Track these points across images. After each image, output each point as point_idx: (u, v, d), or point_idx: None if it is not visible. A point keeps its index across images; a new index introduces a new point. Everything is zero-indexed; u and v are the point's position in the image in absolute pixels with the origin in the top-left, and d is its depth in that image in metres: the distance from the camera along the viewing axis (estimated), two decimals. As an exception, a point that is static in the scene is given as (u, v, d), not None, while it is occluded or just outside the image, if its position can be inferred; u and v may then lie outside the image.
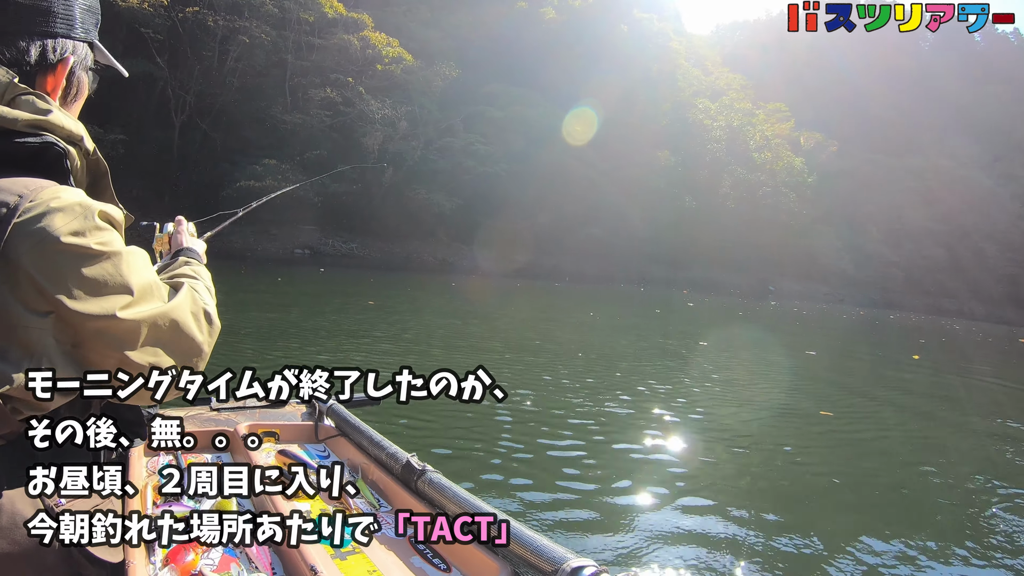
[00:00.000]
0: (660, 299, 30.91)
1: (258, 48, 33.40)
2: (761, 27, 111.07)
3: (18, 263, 0.91)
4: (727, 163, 51.89)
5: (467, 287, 25.67)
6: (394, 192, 36.01)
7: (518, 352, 10.89)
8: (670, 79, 54.12)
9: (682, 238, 47.80)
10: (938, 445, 7.94)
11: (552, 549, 1.45)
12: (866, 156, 75.07)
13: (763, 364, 13.55)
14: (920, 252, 66.74)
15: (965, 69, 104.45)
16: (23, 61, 1.06)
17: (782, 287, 52.89)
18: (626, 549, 3.97)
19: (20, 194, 0.95)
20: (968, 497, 5.84)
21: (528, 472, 5.14)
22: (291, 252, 31.11)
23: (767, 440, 7.08)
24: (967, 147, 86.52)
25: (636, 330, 17.15)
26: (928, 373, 15.54)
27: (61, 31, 1.10)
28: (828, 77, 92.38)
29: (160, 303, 1.06)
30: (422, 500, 1.90)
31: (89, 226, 0.98)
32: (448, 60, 40.72)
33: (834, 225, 62.24)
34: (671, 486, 5.18)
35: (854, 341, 23.02)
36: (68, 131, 1.06)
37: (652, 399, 8.27)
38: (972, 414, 10.24)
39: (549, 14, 51.46)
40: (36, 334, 0.93)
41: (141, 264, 1.06)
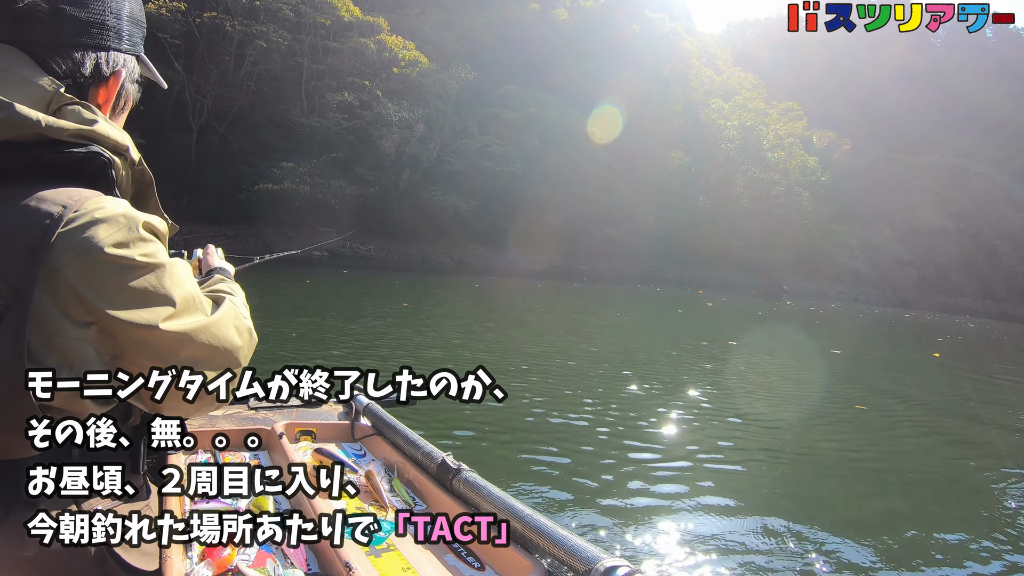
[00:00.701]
0: (678, 299, 30.99)
1: (274, 52, 33.53)
2: (772, 25, 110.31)
3: (60, 273, 0.91)
4: (740, 163, 51.80)
5: (492, 288, 25.82)
6: (410, 194, 36.17)
7: (568, 358, 10.83)
8: (682, 79, 54.21)
9: (695, 238, 47.80)
10: (974, 440, 8.06)
11: (586, 549, 1.45)
12: (879, 154, 74.95)
13: (793, 363, 13.84)
14: (934, 250, 66.71)
15: (978, 66, 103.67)
16: (78, 73, 1.07)
17: (796, 286, 52.87)
18: (665, 551, 3.92)
19: (64, 204, 0.95)
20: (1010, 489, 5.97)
21: (572, 473, 5.11)
22: (310, 254, 31.13)
23: (807, 436, 7.27)
24: (981, 145, 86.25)
25: (667, 332, 17.31)
26: (950, 370, 15.67)
27: (114, 45, 1.12)
28: (840, 75, 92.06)
29: (202, 316, 1.06)
30: (457, 499, 1.90)
31: (133, 237, 0.98)
32: (463, 62, 40.80)
33: (848, 224, 62.39)
34: (722, 487, 5.12)
35: (874, 340, 23.15)
36: (114, 141, 1.07)
37: (705, 402, 8.42)
38: (1001, 408, 10.53)
39: (562, 15, 51.63)
40: (76, 344, 0.94)
41: (184, 276, 1.06)
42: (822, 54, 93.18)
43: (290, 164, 32.31)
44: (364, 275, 26.12)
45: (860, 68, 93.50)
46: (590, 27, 50.94)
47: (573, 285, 32.56)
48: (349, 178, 33.08)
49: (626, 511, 4.48)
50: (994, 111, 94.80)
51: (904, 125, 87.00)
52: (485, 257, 37.84)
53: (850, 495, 5.56)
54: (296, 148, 33.94)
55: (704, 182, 50.37)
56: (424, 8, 46.21)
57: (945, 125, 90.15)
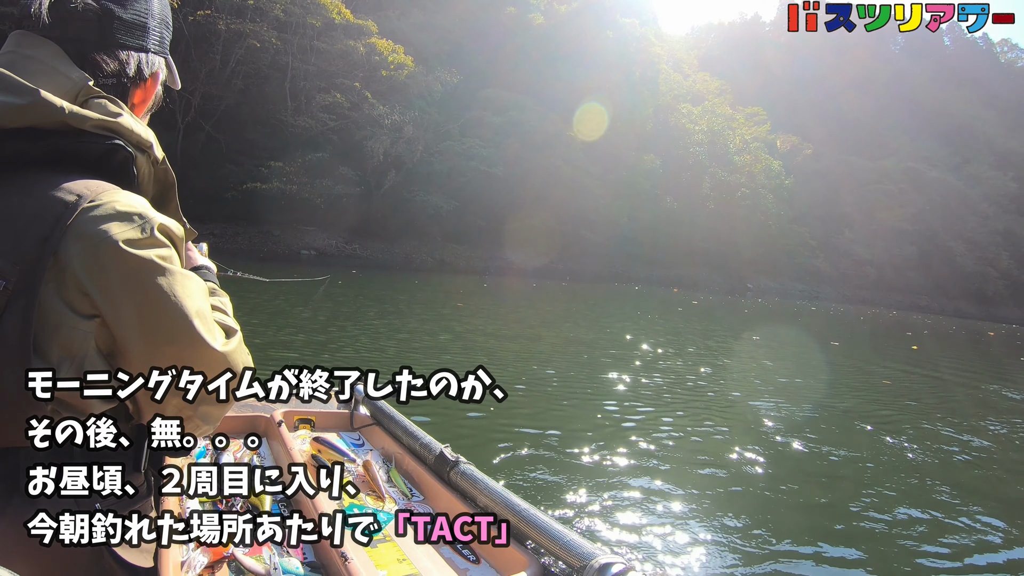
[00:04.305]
0: (659, 297, 31.87)
1: (263, 52, 33.37)
2: (736, 30, 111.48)
3: (68, 263, 0.90)
4: (708, 166, 52.88)
5: (499, 288, 26.11)
6: (392, 194, 36.32)
7: (636, 364, 10.74)
8: (652, 83, 55.01)
9: (663, 238, 48.70)
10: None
11: (581, 545, 1.46)
12: (840, 158, 76.64)
13: (806, 354, 15.65)
14: (892, 251, 68.26)
15: (936, 73, 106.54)
16: (123, 73, 1.10)
17: (759, 284, 54.15)
18: (660, 547, 3.89)
19: (80, 194, 0.94)
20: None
21: (581, 471, 5.05)
22: (298, 253, 31.20)
23: (851, 415, 8.61)
24: (937, 150, 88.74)
25: (674, 330, 17.73)
26: (932, 358, 18.27)
27: (154, 48, 1.15)
28: (802, 81, 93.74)
29: (210, 339, 1.01)
30: (454, 491, 1.91)
31: (147, 237, 0.96)
32: (443, 64, 41.08)
33: (809, 225, 63.75)
34: (724, 488, 5.12)
35: (854, 334, 24.93)
36: (138, 136, 1.06)
37: (737, 398, 8.96)
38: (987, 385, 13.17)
39: (537, 19, 52.12)
40: (79, 336, 0.92)
41: (196, 290, 1.02)
42: (785, 60, 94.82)
43: (278, 163, 32.27)
44: (375, 275, 26.05)
45: (822, 74, 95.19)
46: (565, 31, 51.42)
47: (561, 284, 33.09)
48: (334, 178, 33.11)
49: (624, 507, 4.44)
50: (950, 117, 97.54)
51: (864, 130, 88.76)
52: (465, 256, 38.05)
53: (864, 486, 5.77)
54: (282, 147, 33.78)
55: (673, 184, 51.30)
56: (404, 9, 46.27)
57: (903, 130, 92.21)
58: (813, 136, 77.62)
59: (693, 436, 6.48)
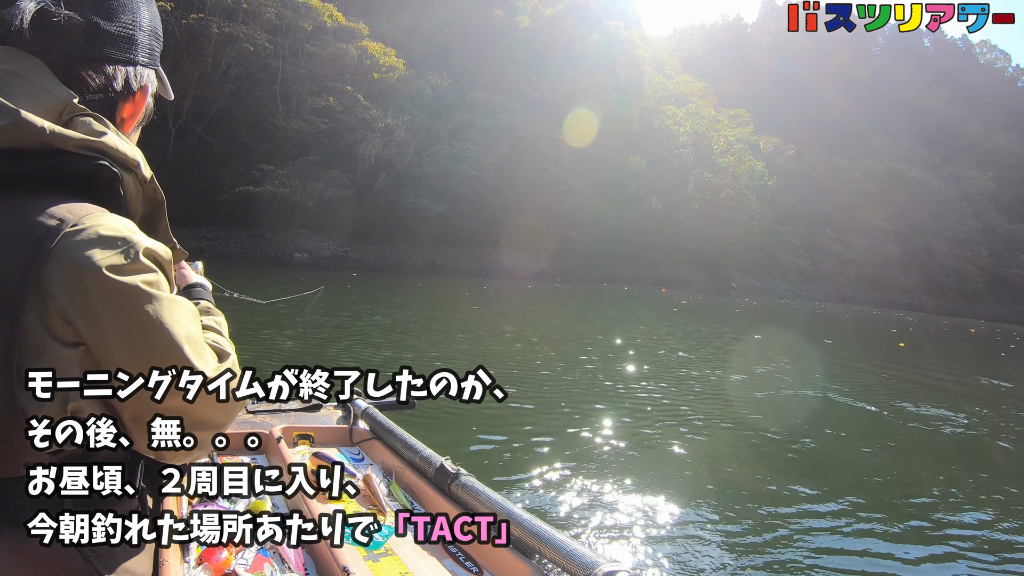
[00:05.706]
0: (650, 298, 32.38)
1: (254, 55, 33.40)
2: (718, 31, 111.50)
3: (50, 290, 0.87)
4: (692, 167, 53.37)
5: (498, 290, 26.36)
6: (382, 197, 36.43)
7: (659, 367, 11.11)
8: (636, 86, 55.25)
9: (649, 238, 49.09)
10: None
11: (583, 554, 1.45)
12: (822, 159, 77.46)
13: (809, 350, 16.52)
14: (873, 250, 69.04)
15: (916, 74, 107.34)
16: (110, 87, 1.06)
17: (743, 284, 54.71)
18: (663, 555, 3.90)
19: (62, 218, 0.90)
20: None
21: (591, 477, 5.08)
22: (290, 255, 31.30)
23: (874, 392, 9.66)
24: (918, 150, 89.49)
25: (683, 330, 18.47)
26: (918, 354, 19.31)
27: (143, 60, 1.11)
28: (785, 82, 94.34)
29: (201, 363, 0.96)
30: (456, 504, 1.88)
31: (131, 262, 0.92)
32: (433, 68, 41.26)
33: (792, 225, 64.38)
34: (728, 489, 5.22)
35: (843, 332, 25.73)
36: (123, 156, 1.01)
37: (760, 395, 9.45)
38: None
39: (524, 22, 52.27)
40: (64, 364, 0.88)
41: (184, 315, 0.97)
42: (767, 62, 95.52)
43: (270, 167, 32.35)
44: (377, 278, 26.13)
45: (804, 75, 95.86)
46: (551, 34, 51.59)
47: (554, 285, 33.49)
48: (325, 181, 33.20)
49: (626, 515, 4.43)
50: (930, 118, 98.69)
51: (846, 130, 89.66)
52: (455, 259, 38.20)
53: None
54: (274, 150, 33.89)
55: (658, 185, 51.80)
56: (394, 12, 46.31)
57: (885, 130, 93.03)
58: (796, 137, 78.47)
59: (715, 441, 6.65)
